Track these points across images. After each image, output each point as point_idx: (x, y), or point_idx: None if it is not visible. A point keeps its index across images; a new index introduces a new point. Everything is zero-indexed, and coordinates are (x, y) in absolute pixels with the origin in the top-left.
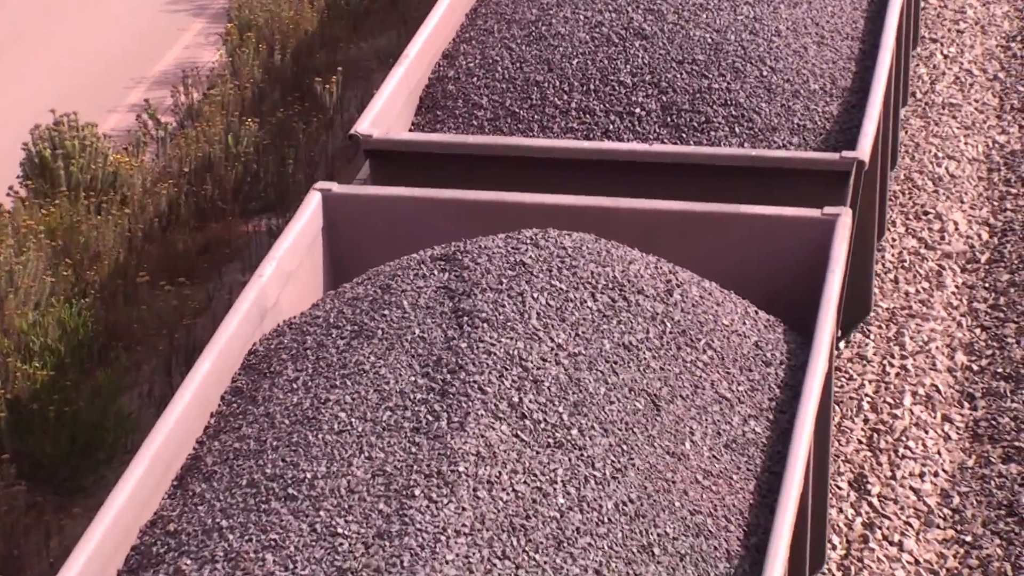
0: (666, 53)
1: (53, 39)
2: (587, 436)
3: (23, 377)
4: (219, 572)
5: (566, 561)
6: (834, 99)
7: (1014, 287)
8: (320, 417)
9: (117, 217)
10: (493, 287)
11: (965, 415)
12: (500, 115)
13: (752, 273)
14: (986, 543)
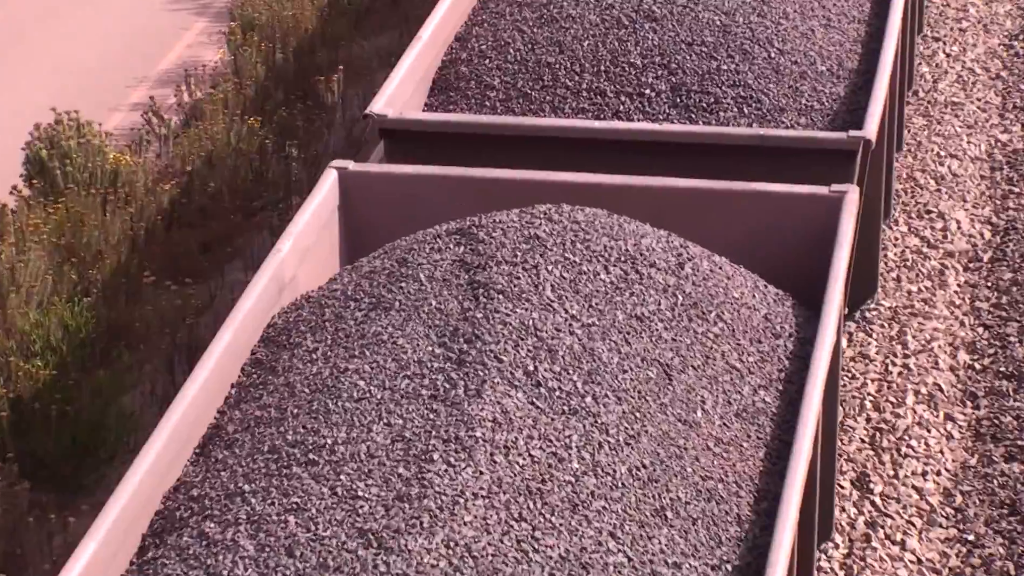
0: (675, 35)
1: (55, 38)
2: (601, 404)
3: (25, 376)
4: (242, 534)
5: (581, 524)
6: (841, 80)
7: (1016, 286)
8: (339, 386)
9: (120, 215)
10: (508, 260)
11: (968, 414)
12: (512, 96)
13: (761, 249)
14: (989, 542)
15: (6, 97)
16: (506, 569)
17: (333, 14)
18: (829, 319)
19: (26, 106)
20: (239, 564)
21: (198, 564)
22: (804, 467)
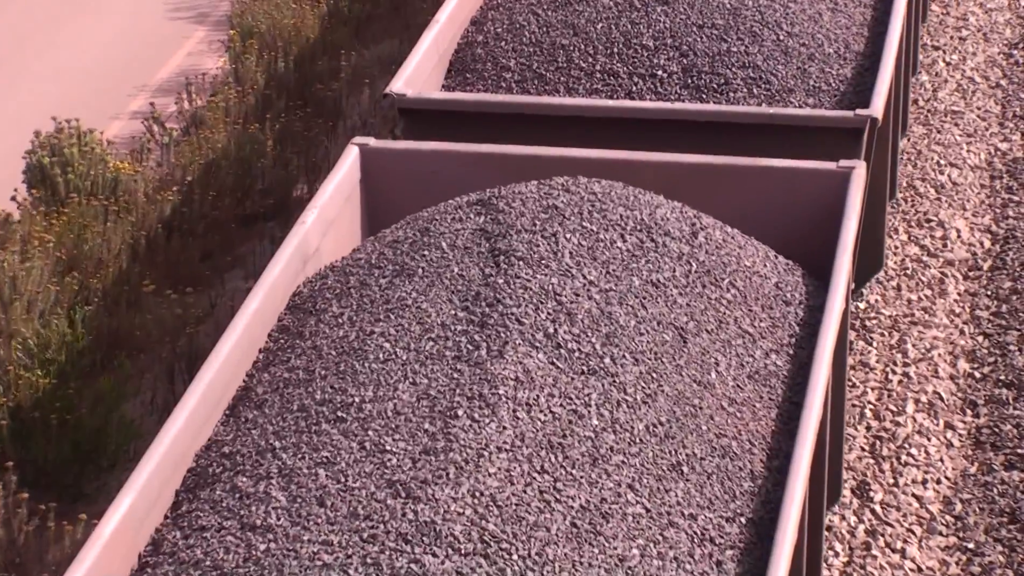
0: (687, 17)
1: (56, 45)
2: (619, 364)
3: (26, 384)
4: (274, 486)
5: (600, 476)
6: (848, 62)
7: (1016, 295)
8: (366, 348)
9: (121, 224)
10: (527, 228)
11: (968, 422)
12: (527, 77)
13: (771, 223)
14: (988, 550)
15: (6, 104)
16: (529, 517)
17: (334, 22)
18: (838, 287)
19: (26, 113)
20: (272, 514)
21: (231, 515)
22: (815, 426)
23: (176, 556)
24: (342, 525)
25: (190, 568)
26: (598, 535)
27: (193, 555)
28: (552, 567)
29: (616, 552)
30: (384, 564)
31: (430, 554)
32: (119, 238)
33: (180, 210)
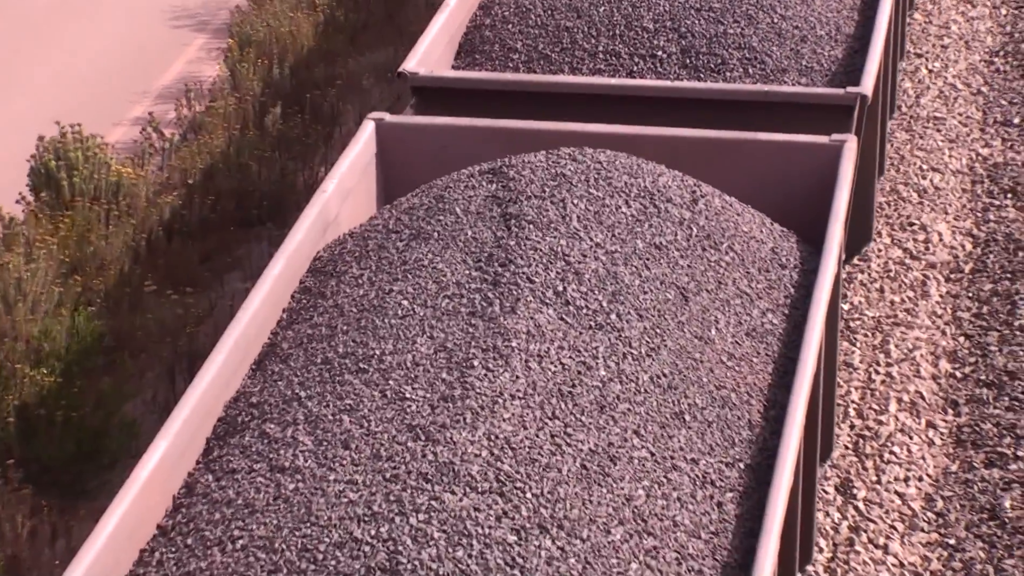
0: (685, 1)
1: (59, 53)
2: (624, 320)
3: (31, 383)
4: (301, 432)
5: (608, 423)
6: (839, 44)
7: (997, 296)
8: (385, 305)
9: (123, 227)
10: (537, 194)
11: (949, 421)
12: (533, 58)
13: (767, 194)
14: (969, 546)
15: (8, 110)
16: (542, 459)
17: (329, 30)
18: (831, 252)
19: (30, 119)
20: (299, 456)
21: (261, 458)
22: (809, 380)
23: (209, 496)
24: (366, 466)
25: (223, 507)
26: (606, 476)
27: (225, 495)
28: (563, 504)
29: (623, 492)
30: (406, 501)
31: (449, 492)
32: (121, 240)
33: (180, 213)
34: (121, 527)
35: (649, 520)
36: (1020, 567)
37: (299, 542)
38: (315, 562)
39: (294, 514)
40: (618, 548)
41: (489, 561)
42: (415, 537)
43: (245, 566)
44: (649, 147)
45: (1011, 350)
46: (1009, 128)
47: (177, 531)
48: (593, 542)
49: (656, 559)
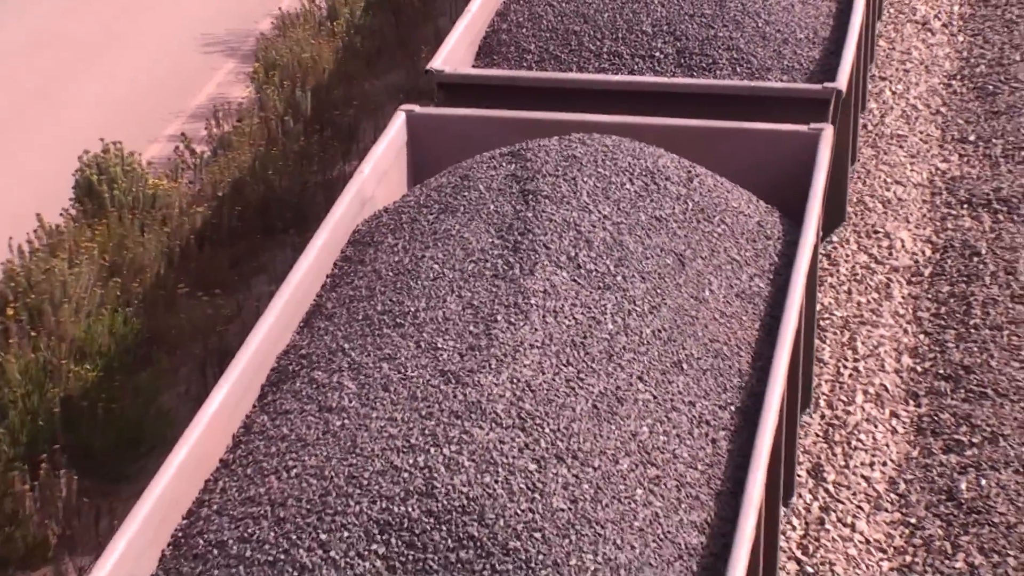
0: (680, 8)
1: (101, 77)
2: (629, 282)
3: (75, 378)
4: (345, 377)
5: (615, 369)
6: (816, 46)
7: (953, 297)
8: (418, 269)
9: (158, 234)
10: (551, 173)
11: (910, 411)
12: (545, 58)
13: (753, 175)
14: (929, 525)
15: (57, 128)
16: (558, 400)
17: (347, 55)
18: (811, 225)
19: (75, 137)
20: (344, 398)
21: (310, 400)
22: (791, 336)
23: (265, 434)
24: (404, 405)
25: (277, 442)
26: (614, 415)
27: (279, 432)
28: (577, 438)
29: (629, 429)
30: (439, 435)
31: (477, 427)
32: (156, 247)
33: (211, 222)
34: (187, 462)
35: (652, 453)
36: (975, 543)
37: (346, 470)
38: (360, 487)
39: (341, 446)
40: (625, 476)
41: (513, 486)
42: (448, 465)
43: (299, 491)
44: (649, 135)
45: (967, 347)
46: (965, 145)
47: (237, 463)
48: (603, 471)
49: (659, 486)
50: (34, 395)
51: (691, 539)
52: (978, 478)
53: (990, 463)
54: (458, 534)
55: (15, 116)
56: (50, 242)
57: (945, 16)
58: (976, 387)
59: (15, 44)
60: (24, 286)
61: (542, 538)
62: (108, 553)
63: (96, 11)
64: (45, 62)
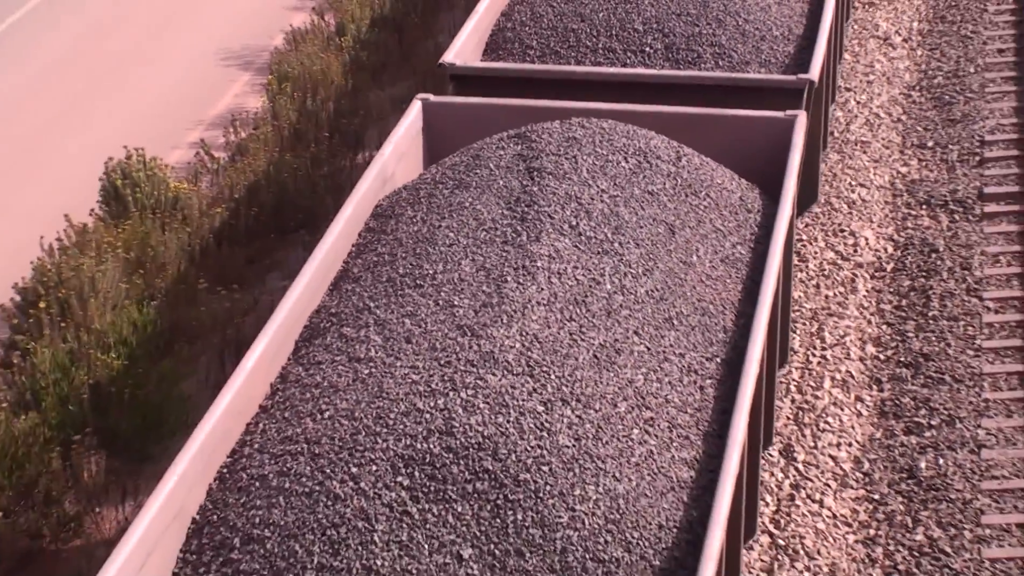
0: (668, 8)
1: (126, 88)
2: (625, 248)
3: (102, 366)
4: (371, 331)
5: (613, 324)
6: (791, 42)
7: (913, 291)
8: (435, 237)
9: (179, 233)
10: (554, 152)
11: (874, 396)
12: (546, 53)
13: (735, 156)
14: (891, 500)
15: (85, 137)
16: (562, 350)
17: (355, 68)
18: (787, 200)
19: (103, 145)
20: (371, 349)
21: (341, 352)
22: (771, 297)
23: (300, 382)
24: (425, 355)
25: (311, 388)
26: (613, 364)
27: (313, 380)
28: (580, 384)
29: (626, 376)
30: (457, 380)
31: (490, 374)
32: (177, 245)
33: (228, 222)
34: (230, 408)
35: (647, 398)
36: (934, 518)
37: (374, 412)
38: (387, 426)
39: (369, 391)
40: (623, 417)
41: (523, 425)
42: (465, 407)
43: (332, 431)
44: (641, 121)
45: (926, 336)
46: (924, 150)
47: (276, 408)
48: (603, 412)
49: (652, 427)
50: (64, 382)
51: (682, 473)
52: (936, 458)
53: (947, 443)
54: (474, 468)
55: (49, 126)
56: (78, 241)
57: (905, 32)
58: (934, 373)
59: (50, 59)
60: (54, 281)
61: (549, 471)
62: (161, 487)
63: (125, 29)
64: (78, 75)
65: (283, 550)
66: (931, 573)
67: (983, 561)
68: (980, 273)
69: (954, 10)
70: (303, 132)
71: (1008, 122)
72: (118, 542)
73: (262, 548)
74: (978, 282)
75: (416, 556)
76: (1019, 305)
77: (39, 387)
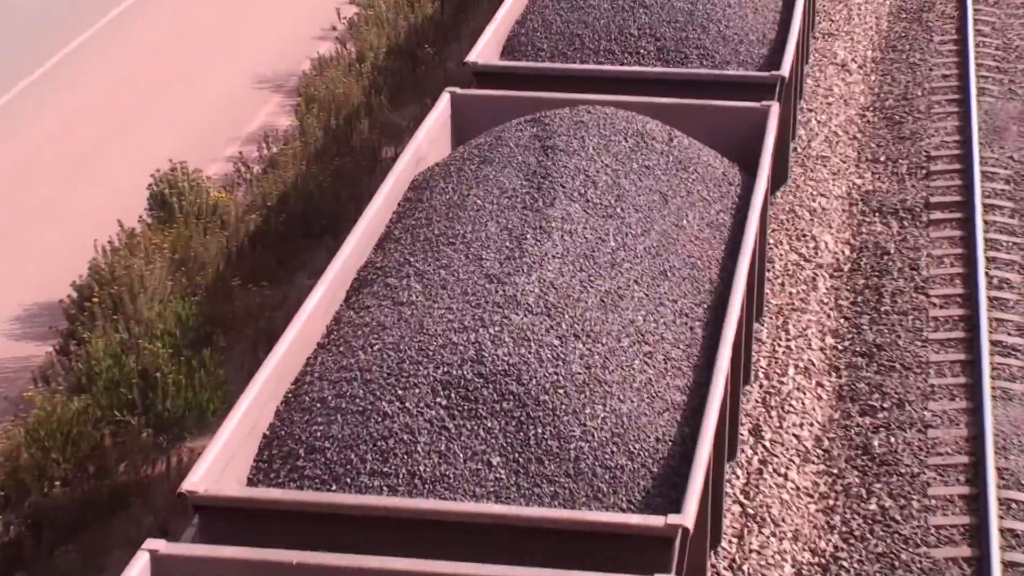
0: (659, 16)
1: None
2: (625, 212)
3: (149, 354)
4: (412, 279)
5: (616, 275)
6: (764, 46)
7: (868, 289)
8: (465, 203)
9: (218, 236)
10: (565, 133)
11: (833, 382)
12: (555, 54)
13: (718, 139)
14: (848, 474)
15: (135, 151)
16: (574, 295)
17: (373, 91)
18: (763, 176)
19: (150, 157)
20: (412, 295)
21: (386, 297)
22: (749, 255)
23: (352, 323)
24: (458, 299)
25: (362, 327)
26: (616, 307)
27: (363, 320)
28: (589, 323)
29: (628, 317)
30: (486, 318)
31: (514, 314)
32: (216, 247)
33: (261, 227)
34: (293, 344)
35: (645, 335)
36: (885, 490)
37: (416, 345)
38: (427, 356)
39: (411, 328)
40: (626, 351)
41: (542, 356)
42: (493, 341)
43: (380, 360)
44: (638, 110)
45: (879, 328)
46: (877, 164)
47: (332, 344)
48: (610, 346)
49: (651, 359)
50: (115, 368)
51: (675, 397)
52: (888, 436)
53: (898, 424)
54: (501, 390)
55: (103, 141)
56: (129, 243)
57: (860, 59)
58: (886, 362)
59: (104, 82)
60: (107, 279)
61: (564, 393)
62: (236, 408)
63: (170, 56)
64: (129, 97)
65: (341, 458)
66: (883, 538)
67: (929, 528)
68: (927, 273)
69: (903, 40)
70: (327, 148)
71: (951, 139)
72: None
73: (323, 457)
74: (925, 281)
75: (452, 463)
76: (961, 301)
77: (93, 372)
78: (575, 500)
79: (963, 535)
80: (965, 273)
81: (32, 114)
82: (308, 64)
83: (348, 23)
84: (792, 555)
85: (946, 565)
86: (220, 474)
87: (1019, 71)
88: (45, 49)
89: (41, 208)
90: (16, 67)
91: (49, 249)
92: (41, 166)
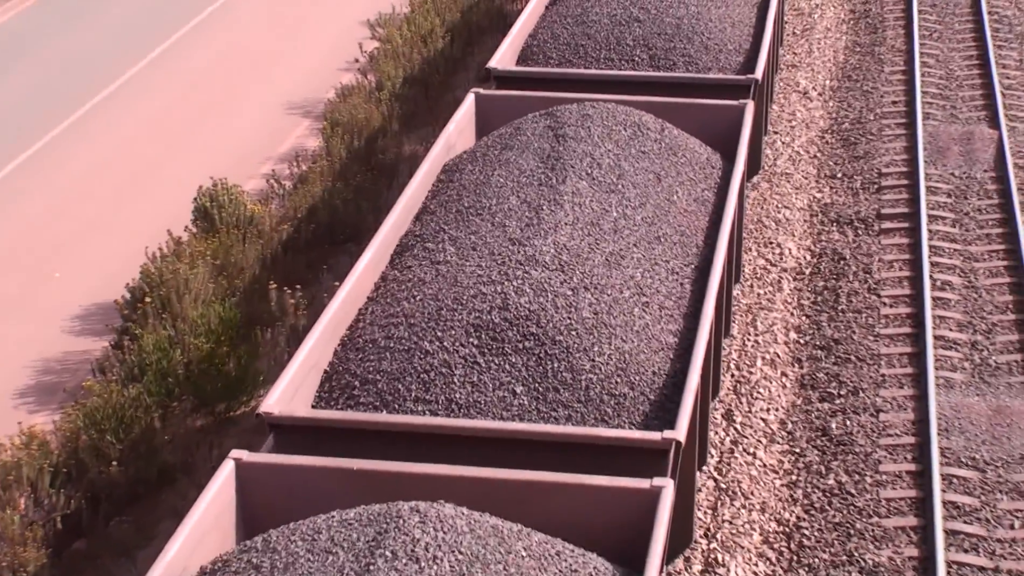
0: (651, 29)
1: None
2: (625, 188)
3: (194, 348)
4: (447, 244)
5: (618, 239)
6: (741, 54)
7: (827, 290)
8: (489, 181)
9: (254, 244)
10: (574, 124)
11: (796, 372)
12: (562, 62)
13: (701, 131)
14: (809, 453)
15: (181, 169)
16: (583, 255)
17: (390, 115)
18: (740, 162)
19: (194, 175)
20: (447, 255)
21: (424, 258)
22: (729, 226)
23: (396, 280)
24: (486, 259)
25: (405, 283)
26: (619, 265)
27: (405, 277)
28: (596, 277)
29: (628, 273)
30: (510, 273)
31: (533, 269)
32: (253, 254)
33: (292, 236)
34: (348, 297)
35: (643, 288)
36: (842, 467)
37: (452, 295)
38: (461, 304)
39: (447, 282)
40: (627, 300)
41: (557, 303)
42: (516, 291)
43: (422, 306)
44: (634, 107)
45: (836, 325)
46: (834, 180)
47: (380, 297)
48: (614, 296)
49: (648, 308)
50: (163, 360)
51: (669, 339)
52: (844, 420)
53: (853, 409)
54: (523, 332)
55: (152, 160)
56: (176, 250)
57: (820, 88)
58: (843, 354)
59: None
60: (156, 282)
61: (576, 334)
62: (303, 346)
63: (210, 86)
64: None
65: (390, 388)
66: (840, 509)
67: (880, 500)
68: (878, 276)
69: (858, 71)
70: (350, 166)
71: (900, 158)
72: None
73: (375, 387)
74: (876, 283)
75: (483, 392)
76: (908, 301)
77: (144, 364)
78: (585, 421)
79: (911, 507)
80: (912, 276)
81: (93, 135)
82: (333, 92)
83: (369, 56)
84: (760, 524)
85: (895, 533)
86: (290, 400)
87: (960, 98)
88: (106, 77)
89: (99, 220)
90: (83, 91)
91: (106, 256)
92: (99, 183)
